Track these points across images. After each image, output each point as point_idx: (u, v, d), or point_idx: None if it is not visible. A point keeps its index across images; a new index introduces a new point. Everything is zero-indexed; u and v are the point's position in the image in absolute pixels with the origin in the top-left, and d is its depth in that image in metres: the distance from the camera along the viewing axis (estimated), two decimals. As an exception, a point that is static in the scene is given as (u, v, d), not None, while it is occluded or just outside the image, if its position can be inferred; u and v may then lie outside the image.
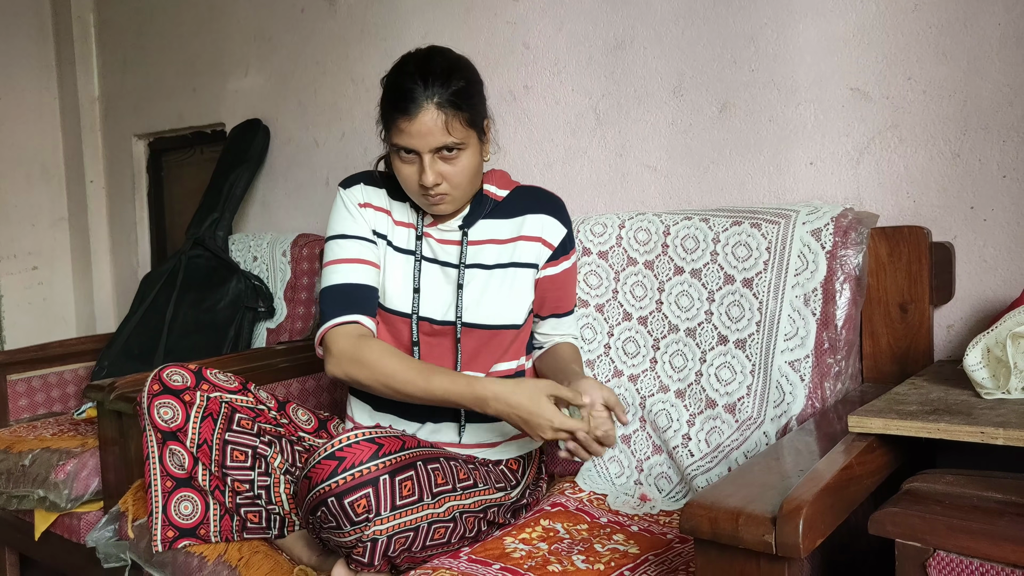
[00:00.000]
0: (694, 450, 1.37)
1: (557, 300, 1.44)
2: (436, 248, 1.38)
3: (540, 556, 1.17)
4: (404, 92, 1.24)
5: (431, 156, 1.25)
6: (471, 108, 1.27)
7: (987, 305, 1.30)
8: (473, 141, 1.28)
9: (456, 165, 1.27)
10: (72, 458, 1.73)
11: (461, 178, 1.28)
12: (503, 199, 1.40)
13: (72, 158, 3.12)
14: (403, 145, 1.25)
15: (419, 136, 1.23)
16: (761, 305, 1.34)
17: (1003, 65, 1.27)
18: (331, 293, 1.33)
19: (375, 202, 1.39)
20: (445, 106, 1.23)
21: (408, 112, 1.23)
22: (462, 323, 1.34)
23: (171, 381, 1.34)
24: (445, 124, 1.23)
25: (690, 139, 1.61)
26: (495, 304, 1.35)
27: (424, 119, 1.22)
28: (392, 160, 1.30)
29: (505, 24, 1.88)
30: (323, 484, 1.07)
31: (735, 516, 0.80)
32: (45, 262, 3.12)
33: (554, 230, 1.39)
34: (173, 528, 1.32)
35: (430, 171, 1.25)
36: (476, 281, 1.36)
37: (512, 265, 1.37)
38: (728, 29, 1.55)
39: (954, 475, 0.89)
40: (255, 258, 2.32)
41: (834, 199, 1.44)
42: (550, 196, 1.43)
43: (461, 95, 1.25)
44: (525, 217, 1.39)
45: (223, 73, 2.62)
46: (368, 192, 1.40)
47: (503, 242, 1.38)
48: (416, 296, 1.35)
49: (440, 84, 1.23)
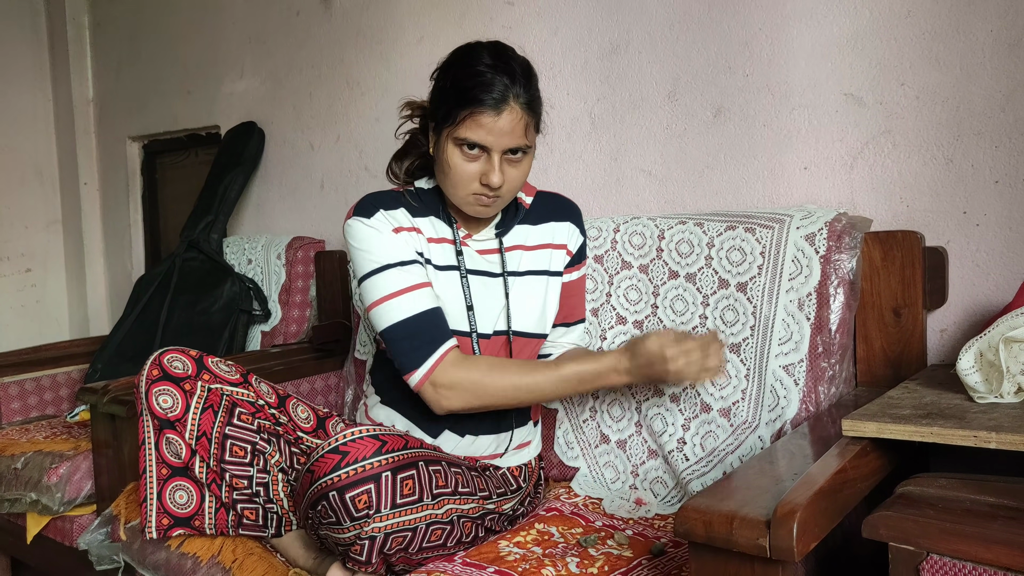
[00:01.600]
0: (689, 454, 1.37)
1: (570, 308, 1.44)
2: (477, 259, 1.35)
3: (534, 559, 1.17)
4: (486, 84, 1.17)
5: (500, 156, 1.20)
6: (540, 113, 1.25)
7: (980, 309, 1.31)
8: (535, 146, 1.27)
9: (519, 169, 1.24)
10: (65, 461, 1.73)
11: (518, 183, 1.25)
12: (530, 205, 1.39)
13: (66, 160, 3.11)
14: (476, 141, 1.18)
15: (499, 134, 1.18)
16: (755, 309, 1.35)
17: (995, 71, 1.28)
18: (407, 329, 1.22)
19: (404, 224, 1.30)
20: (526, 107, 1.19)
21: (492, 107, 1.16)
22: (513, 332, 1.33)
23: (171, 367, 1.31)
24: (525, 126, 1.20)
25: (685, 143, 1.62)
26: (536, 311, 1.35)
27: (508, 117, 1.17)
28: (447, 155, 1.22)
29: (500, 28, 1.88)
30: (326, 478, 1.06)
31: (729, 520, 0.80)
32: (38, 264, 3.11)
33: (576, 238, 1.41)
34: (168, 516, 1.31)
35: (499, 171, 1.20)
36: (517, 288, 1.35)
37: (545, 273, 1.37)
38: (722, 34, 1.55)
39: (947, 479, 0.89)
40: (250, 261, 2.31)
41: (828, 204, 1.44)
42: (571, 203, 1.44)
43: (537, 98, 1.23)
44: (551, 224, 1.39)
45: (218, 76, 2.62)
46: (393, 216, 1.30)
47: (531, 248, 1.37)
48: (471, 314, 1.31)
49: (524, 84, 1.19)
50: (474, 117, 1.17)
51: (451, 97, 1.20)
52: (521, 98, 1.19)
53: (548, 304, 1.37)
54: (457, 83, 1.20)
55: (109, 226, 3.09)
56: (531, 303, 1.35)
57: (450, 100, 1.20)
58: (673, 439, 1.39)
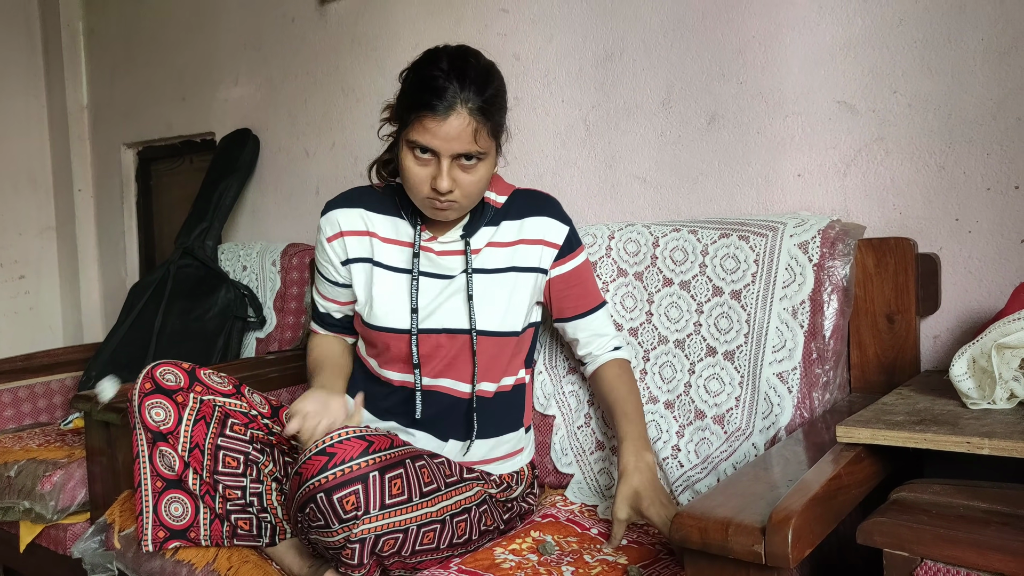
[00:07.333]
0: (683, 461, 1.37)
1: (578, 298, 1.41)
2: (437, 261, 1.35)
3: (530, 567, 1.17)
4: (436, 89, 1.18)
5: (450, 161, 1.21)
6: (498, 119, 1.24)
7: (972, 316, 1.31)
8: (492, 152, 1.26)
9: (473, 175, 1.23)
10: (59, 469, 1.72)
11: (474, 188, 1.25)
12: (502, 205, 1.39)
13: (60, 166, 3.10)
14: (424, 144, 1.20)
15: (445, 139, 1.19)
16: (749, 317, 1.35)
17: (986, 79, 1.29)
18: None
19: (352, 227, 1.38)
20: (477, 113, 1.19)
21: (438, 111, 1.17)
22: (477, 331, 1.32)
23: (164, 380, 1.32)
24: (474, 132, 1.19)
25: (679, 151, 1.62)
26: (500, 310, 1.34)
27: (454, 122, 1.18)
28: (402, 157, 1.25)
29: (495, 36, 1.89)
30: (313, 479, 1.06)
31: (724, 526, 0.80)
32: (32, 271, 3.10)
33: (555, 230, 1.38)
34: (164, 528, 1.31)
35: (447, 176, 1.21)
36: (483, 288, 1.34)
37: (512, 269, 1.36)
38: (716, 42, 1.56)
39: (941, 485, 0.90)
40: (244, 267, 2.31)
41: (822, 210, 1.45)
42: (546, 197, 1.42)
43: (493, 104, 1.22)
44: (524, 220, 1.37)
45: (213, 82, 2.62)
46: (345, 216, 1.39)
47: (504, 245, 1.36)
48: (414, 315, 1.32)
49: (476, 89, 1.19)
50: (421, 121, 1.19)
51: (405, 100, 1.23)
52: (471, 103, 1.18)
53: (514, 302, 1.34)
54: (412, 87, 1.22)
55: (103, 233, 3.08)
56: (498, 302, 1.34)
57: (404, 103, 1.23)
58: (668, 446, 1.39)
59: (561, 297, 1.40)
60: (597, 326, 1.43)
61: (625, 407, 1.33)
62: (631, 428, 1.30)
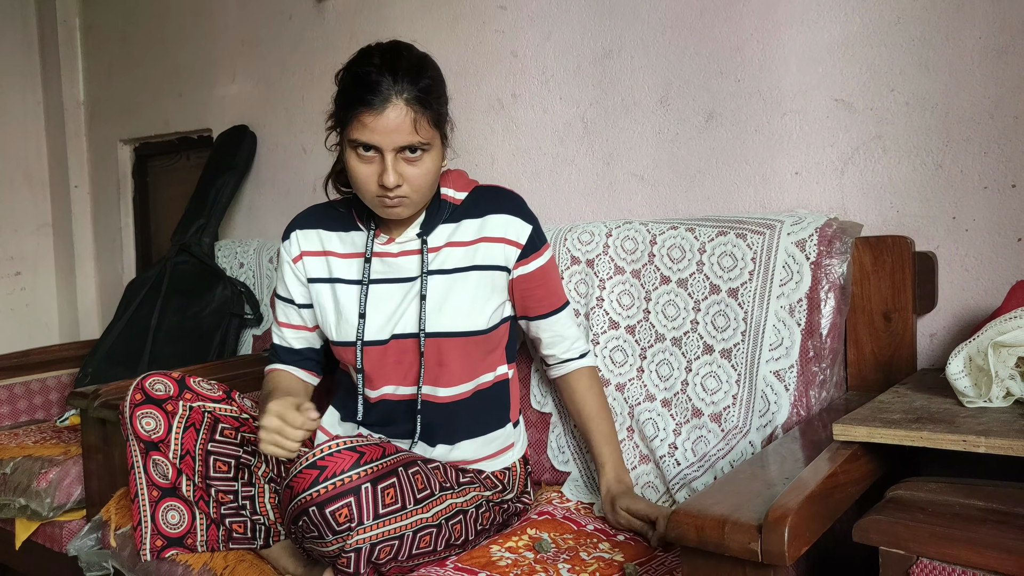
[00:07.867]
0: (680, 459, 1.37)
1: (541, 298, 1.38)
2: (393, 264, 1.32)
3: (526, 564, 1.17)
4: (370, 84, 1.16)
5: (394, 155, 1.19)
6: (438, 108, 1.22)
7: (969, 314, 1.32)
8: (437, 143, 1.23)
9: (419, 167, 1.21)
10: (54, 466, 1.72)
11: (422, 181, 1.22)
12: (462, 202, 1.34)
13: (57, 163, 3.09)
14: (364, 141, 1.18)
15: (384, 132, 1.16)
16: (746, 315, 1.35)
17: (983, 78, 1.29)
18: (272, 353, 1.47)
19: (311, 247, 1.37)
20: (414, 103, 1.17)
21: (373, 105, 1.15)
22: (425, 334, 1.28)
23: (153, 390, 1.33)
24: (413, 122, 1.17)
25: (677, 148, 1.62)
26: (458, 309, 1.30)
27: (391, 115, 1.16)
28: (347, 159, 1.22)
29: (494, 33, 1.89)
30: (304, 493, 1.05)
31: (721, 524, 0.80)
32: (28, 268, 3.09)
33: (518, 228, 1.33)
34: (162, 537, 1.31)
35: (392, 171, 1.18)
36: (439, 288, 1.30)
37: (474, 268, 1.32)
38: (714, 40, 1.56)
39: (937, 483, 0.90)
40: (241, 264, 2.31)
41: (819, 208, 1.45)
42: (510, 195, 1.37)
43: (430, 93, 1.20)
44: (486, 218, 1.33)
45: (210, 79, 2.61)
46: (305, 238, 1.37)
47: (464, 244, 1.32)
48: (361, 322, 1.30)
49: (409, 80, 1.17)
50: (359, 118, 1.17)
51: (341, 99, 1.22)
52: (406, 93, 1.16)
53: (479, 299, 1.31)
54: (346, 86, 1.21)
55: (100, 229, 3.07)
56: (453, 302, 1.30)
57: (341, 103, 1.22)
58: (664, 444, 1.39)
59: (524, 297, 1.37)
60: (560, 327, 1.41)
61: (601, 426, 1.40)
62: (610, 453, 1.38)
